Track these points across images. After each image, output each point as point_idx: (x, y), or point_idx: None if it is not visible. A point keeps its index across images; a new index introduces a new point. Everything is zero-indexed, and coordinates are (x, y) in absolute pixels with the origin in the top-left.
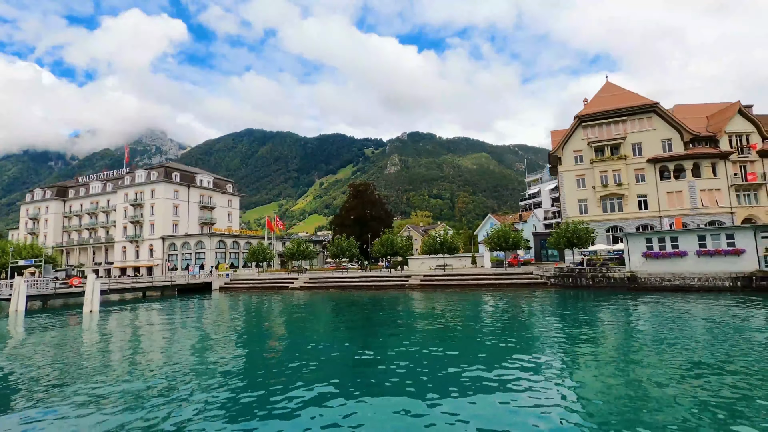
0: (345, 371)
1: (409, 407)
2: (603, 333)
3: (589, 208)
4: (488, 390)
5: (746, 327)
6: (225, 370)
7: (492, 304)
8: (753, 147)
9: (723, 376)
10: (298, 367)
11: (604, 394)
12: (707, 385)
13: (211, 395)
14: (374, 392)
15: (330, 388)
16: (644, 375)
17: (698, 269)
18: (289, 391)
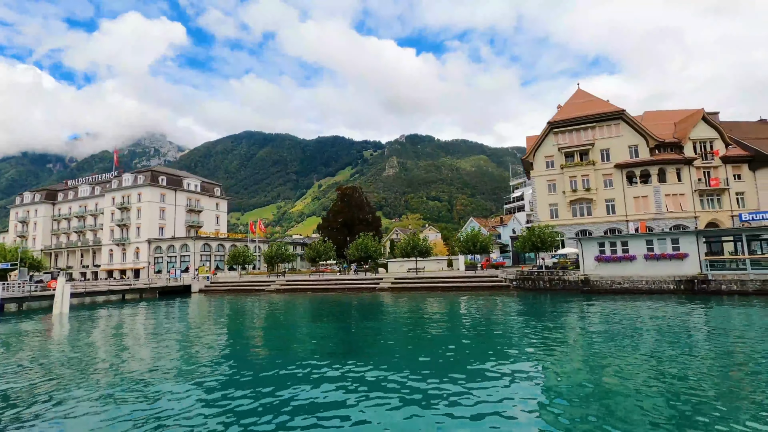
0: (290, 375)
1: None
2: (556, 335)
3: (559, 212)
4: (432, 396)
5: (690, 327)
6: (171, 373)
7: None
8: (716, 153)
9: (670, 371)
10: (244, 367)
11: (558, 395)
12: (656, 381)
13: (152, 398)
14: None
15: (267, 391)
16: (598, 374)
17: (646, 272)
18: (237, 393)
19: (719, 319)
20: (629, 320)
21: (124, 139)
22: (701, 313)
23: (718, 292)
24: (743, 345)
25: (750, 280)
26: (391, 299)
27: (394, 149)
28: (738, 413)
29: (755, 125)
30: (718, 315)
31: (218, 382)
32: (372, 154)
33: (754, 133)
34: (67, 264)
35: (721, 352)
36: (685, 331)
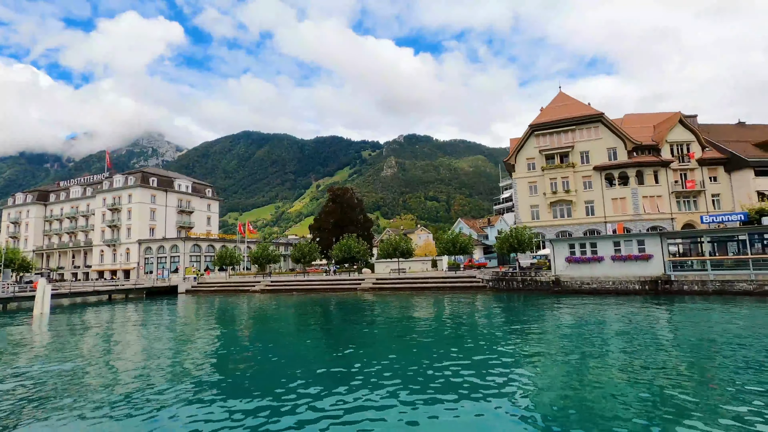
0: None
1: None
2: (524, 334)
3: (540, 213)
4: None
5: (655, 327)
6: (139, 372)
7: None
8: (691, 156)
9: (637, 368)
10: (212, 367)
11: (528, 393)
12: (624, 377)
13: (120, 397)
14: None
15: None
16: (560, 374)
17: (613, 273)
18: (193, 392)
19: (679, 318)
20: (593, 321)
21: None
22: (663, 313)
23: (681, 292)
24: (701, 344)
25: (710, 281)
26: (370, 299)
27: (392, 149)
28: (702, 406)
29: (733, 128)
30: (679, 314)
31: (179, 384)
32: (370, 154)
33: (732, 135)
34: (58, 265)
35: (681, 351)
36: (645, 330)
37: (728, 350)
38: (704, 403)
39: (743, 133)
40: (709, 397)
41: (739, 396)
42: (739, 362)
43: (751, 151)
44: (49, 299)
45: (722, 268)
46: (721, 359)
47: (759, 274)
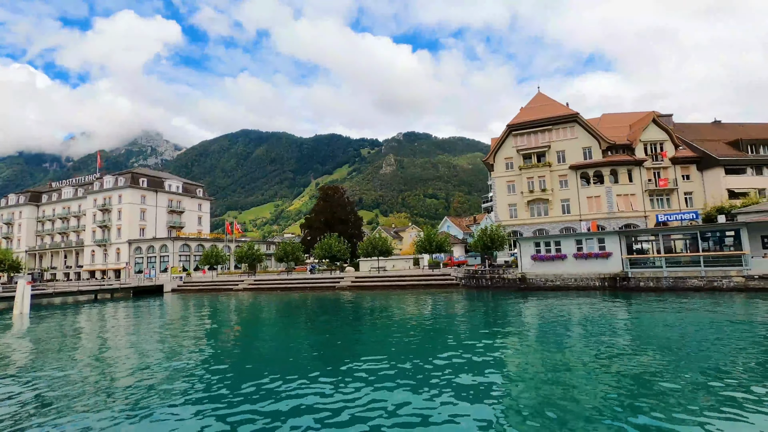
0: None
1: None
2: (487, 330)
3: (518, 212)
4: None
5: (615, 322)
6: (107, 370)
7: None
8: (663, 155)
9: (596, 361)
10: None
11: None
12: (582, 370)
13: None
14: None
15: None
16: (514, 368)
17: (575, 270)
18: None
19: (634, 314)
20: (550, 317)
21: (120, 138)
22: (620, 309)
23: (637, 289)
24: (650, 339)
25: (664, 278)
26: (349, 297)
27: (391, 147)
28: (651, 393)
29: (708, 127)
30: (635, 310)
31: (148, 383)
32: (369, 152)
33: (707, 134)
34: (51, 265)
35: (633, 345)
36: (600, 324)
37: (675, 344)
38: (654, 390)
39: (718, 133)
40: (660, 385)
41: (688, 385)
42: (687, 355)
43: (722, 150)
44: (29, 299)
45: (675, 266)
46: (670, 352)
47: (709, 271)
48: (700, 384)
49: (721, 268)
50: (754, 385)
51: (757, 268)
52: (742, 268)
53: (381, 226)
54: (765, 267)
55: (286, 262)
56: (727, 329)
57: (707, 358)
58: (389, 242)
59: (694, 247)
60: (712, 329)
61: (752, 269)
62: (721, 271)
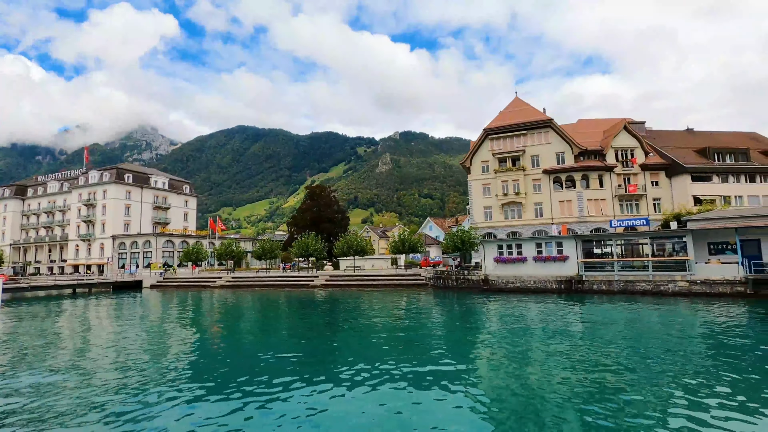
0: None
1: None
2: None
3: (493, 214)
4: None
5: (570, 324)
6: (71, 364)
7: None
8: (633, 161)
9: (548, 359)
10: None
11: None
12: (539, 368)
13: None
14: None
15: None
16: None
17: (535, 273)
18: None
19: (586, 316)
20: (507, 319)
21: (115, 132)
22: (577, 312)
23: (591, 291)
24: (601, 339)
25: (615, 281)
26: (320, 295)
27: (387, 146)
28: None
29: (681, 134)
30: (587, 312)
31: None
32: (365, 150)
33: (679, 141)
34: (35, 259)
35: (579, 346)
36: (567, 327)
37: (618, 343)
38: (602, 385)
39: (689, 140)
40: (606, 381)
41: (632, 381)
42: (622, 353)
43: (690, 158)
44: (0, 293)
45: (625, 270)
46: (613, 350)
47: (656, 276)
48: (637, 378)
49: (667, 273)
50: (688, 382)
51: (700, 273)
52: (686, 273)
53: (368, 226)
54: (707, 272)
55: (265, 260)
56: (663, 330)
57: (640, 356)
58: (365, 242)
59: (644, 253)
60: (651, 331)
61: (695, 274)
62: (668, 276)
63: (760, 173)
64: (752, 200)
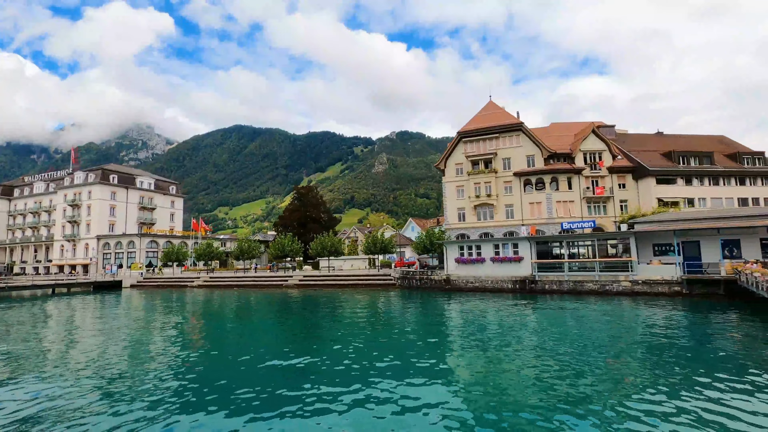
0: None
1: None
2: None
3: (466, 215)
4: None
5: (526, 322)
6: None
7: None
8: (600, 164)
9: (507, 353)
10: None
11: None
12: (496, 361)
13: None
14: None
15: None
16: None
17: (492, 273)
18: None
19: (533, 313)
20: (465, 317)
21: (110, 130)
22: (530, 310)
23: (543, 291)
24: (549, 336)
25: (565, 281)
26: (291, 295)
27: (384, 146)
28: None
29: (651, 137)
30: (537, 311)
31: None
32: (362, 150)
33: (649, 145)
34: (21, 258)
35: (521, 342)
36: (522, 324)
37: (552, 340)
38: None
39: (658, 143)
40: (545, 370)
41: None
42: (560, 347)
43: (656, 161)
44: None
45: (574, 270)
46: (546, 348)
47: (602, 276)
48: (574, 368)
49: (612, 274)
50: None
51: (642, 273)
52: (629, 273)
53: (356, 226)
54: (648, 273)
55: (243, 260)
56: (604, 327)
57: (576, 348)
58: (339, 243)
59: (593, 254)
60: (591, 327)
61: (638, 275)
62: (612, 276)
63: (723, 176)
64: (715, 202)
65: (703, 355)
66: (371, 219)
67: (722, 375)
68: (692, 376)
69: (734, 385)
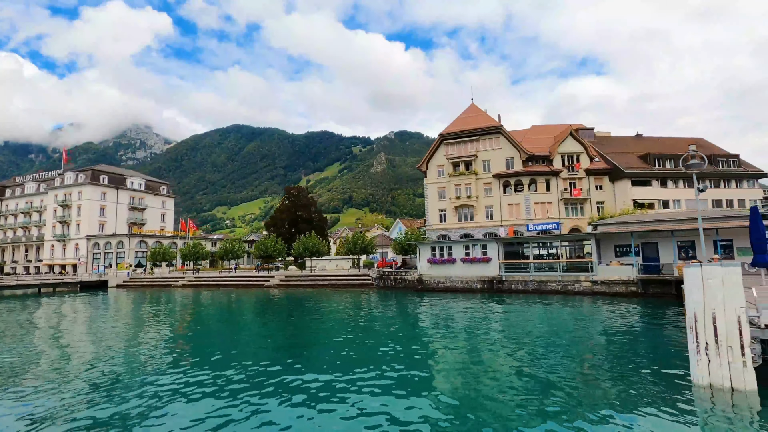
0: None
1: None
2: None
3: (447, 216)
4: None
5: (492, 320)
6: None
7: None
8: (577, 167)
9: (475, 349)
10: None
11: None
12: (466, 357)
13: None
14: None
15: None
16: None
17: (462, 273)
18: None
19: (499, 312)
20: (434, 317)
21: (109, 130)
22: (499, 309)
23: (510, 291)
24: (517, 332)
25: (530, 281)
26: (271, 294)
27: (382, 145)
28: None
29: (629, 139)
30: (504, 310)
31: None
32: (361, 149)
33: (628, 147)
34: (13, 258)
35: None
36: (489, 322)
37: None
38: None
39: (636, 145)
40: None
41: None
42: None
43: (633, 163)
44: None
45: (539, 271)
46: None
47: (564, 276)
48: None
49: (573, 274)
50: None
51: (601, 274)
52: (590, 273)
53: (347, 227)
54: (607, 273)
55: (227, 260)
56: (559, 325)
57: (535, 347)
58: (321, 244)
59: (558, 255)
60: (547, 325)
61: (597, 275)
62: (573, 277)
63: (698, 178)
64: (690, 204)
65: (621, 348)
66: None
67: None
68: (610, 373)
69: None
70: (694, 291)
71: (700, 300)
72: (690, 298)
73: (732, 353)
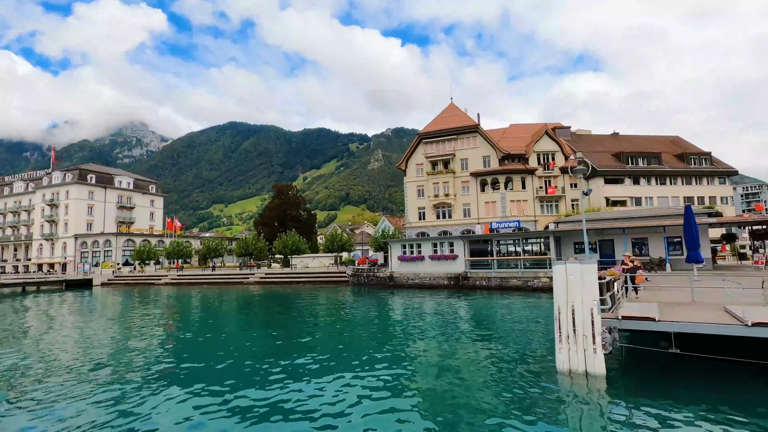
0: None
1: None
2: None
3: (426, 214)
4: None
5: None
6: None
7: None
8: (551, 165)
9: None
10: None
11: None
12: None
13: None
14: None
15: None
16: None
17: (430, 270)
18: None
19: (466, 307)
20: (399, 312)
21: (104, 128)
22: (465, 304)
23: (474, 287)
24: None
25: (493, 277)
26: (250, 291)
27: (379, 142)
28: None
29: (606, 138)
30: (467, 304)
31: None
32: (358, 147)
33: (606, 145)
34: (2, 257)
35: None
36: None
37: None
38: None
39: (612, 144)
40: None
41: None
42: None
43: (606, 161)
44: None
45: (501, 267)
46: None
47: (525, 272)
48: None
49: (533, 271)
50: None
51: None
52: (548, 270)
53: (336, 224)
54: None
55: (210, 258)
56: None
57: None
58: (301, 242)
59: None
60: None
61: None
62: (533, 273)
63: (670, 176)
64: (662, 201)
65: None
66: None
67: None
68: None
69: None
70: (560, 286)
71: (564, 294)
72: (556, 292)
73: (586, 341)
